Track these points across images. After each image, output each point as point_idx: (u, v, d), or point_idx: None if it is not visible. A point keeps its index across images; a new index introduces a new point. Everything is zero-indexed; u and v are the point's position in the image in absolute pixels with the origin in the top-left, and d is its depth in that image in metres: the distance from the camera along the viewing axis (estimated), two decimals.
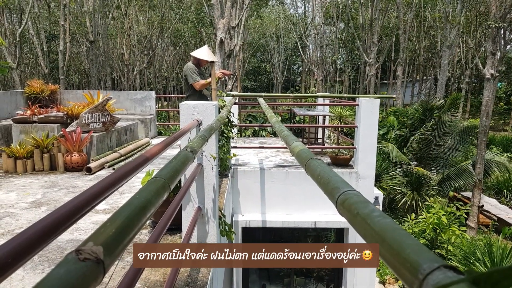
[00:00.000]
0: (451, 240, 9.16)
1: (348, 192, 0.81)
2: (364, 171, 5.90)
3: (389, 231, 0.61)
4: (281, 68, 39.16)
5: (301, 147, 1.45)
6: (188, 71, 5.34)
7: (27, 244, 0.64)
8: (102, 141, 6.07)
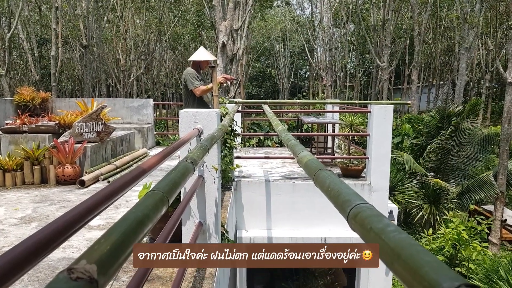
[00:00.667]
0: (472, 257, 9.06)
1: (360, 206, 0.80)
2: (378, 183, 5.87)
3: (405, 247, 0.60)
4: (287, 73, 39.34)
5: (309, 157, 1.44)
6: (187, 77, 5.37)
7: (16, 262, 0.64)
8: (96, 152, 6.09)
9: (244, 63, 24.53)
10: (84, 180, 5.34)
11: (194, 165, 1.51)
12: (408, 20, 28.18)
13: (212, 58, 5.62)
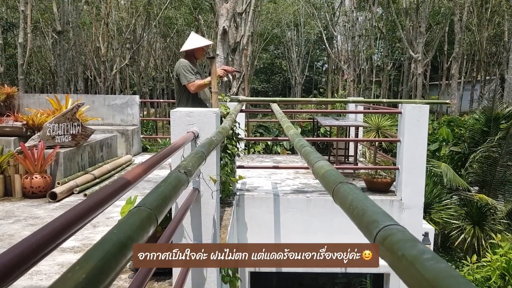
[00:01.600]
0: None
1: (390, 227, 0.80)
2: (410, 199, 5.84)
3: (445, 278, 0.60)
4: (301, 66, 39.40)
5: (328, 168, 1.44)
6: (180, 69, 5.37)
7: None
8: (71, 159, 6.12)
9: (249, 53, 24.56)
10: (56, 193, 5.36)
11: (188, 176, 1.51)
12: (448, 2, 28.15)
13: (207, 43, 5.62)
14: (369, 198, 1.04)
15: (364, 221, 0.91)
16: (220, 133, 2.62)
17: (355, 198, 1.04)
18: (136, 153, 9.14)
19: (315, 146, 9.99)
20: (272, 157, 9.52)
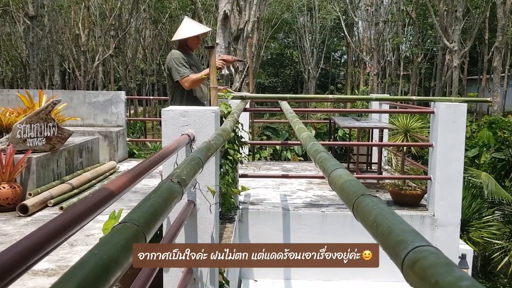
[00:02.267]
0: None
1: (420, 249, 0.79)
2: (444, 215, 5.81)
3: None
4: (315, 57, 39.42)
5: (347, 178, 1.44)
6: (172, 62, 5.37)
7: None
8: (45, 165, 6.13)
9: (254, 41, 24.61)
10: (27, 206, 5.37)
11: (182, 186, 1.51)
12: None
13: (203, 30, 5.62)
14: (396, 214, 1.03)
15: (390, 241, 0.91)
16: (220, 136, 2.62)
17: (379, 214, 1.03)
18: (121, 159, 9.15)
19: (332, 151, 10.00)
20: (281, 164, 9.50)
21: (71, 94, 9.52)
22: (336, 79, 53.17)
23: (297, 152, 12.05)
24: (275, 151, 12.12)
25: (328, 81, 49.74)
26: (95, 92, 9.55)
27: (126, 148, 9.56)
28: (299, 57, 43.02)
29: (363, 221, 1.10)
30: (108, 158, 8.70)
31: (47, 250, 0.95)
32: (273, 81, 50.92)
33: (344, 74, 50.43)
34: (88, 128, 8.95)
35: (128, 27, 27.75)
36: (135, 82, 31.97)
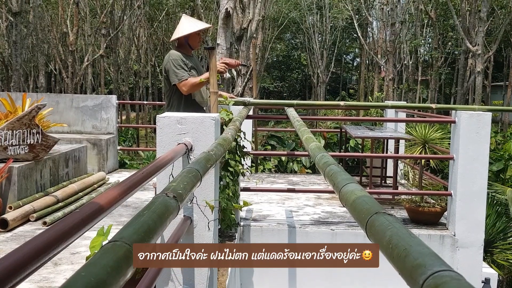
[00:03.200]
0: None
1: (440, 274, 0.79)
2: (466, 235, 5.79)
3: None
4: (325, 60, 39.47)
5: (359, 193, 1.44)
6: (169, 64, 5.38)
7: None
8: (27, 176, 6.13)
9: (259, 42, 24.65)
10: (7, 220, 5.37)
11: (178, 201, 1.51)
12: None
13: (203, 26, 5.64)
14: (413, 234, 1.03)
15: (407, 264, 0.90)
16: (220, 145, 2.62)
17: (395, 234, 1.03)
18: (111, 169, 9.15)
19: (343, 163, 9.96)
20: (287, 177, 9.49)
21: (57, 98, 9.53)
22: (347, 84, 53.28)
23: (304, 164, 12.03)
24: (281, 163, 12.10)
25: (339, 86, 49.81)
26: (84, 96, 9.56)
27: (116, 157, 9.56)
28: (307, 59, 43.07)
29: (378, 241, 1.10)
30: (97, 168, 8.70)
31: (29, 271, 0.95)
32: (278, 86, 51.01)
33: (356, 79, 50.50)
34: (75, 135, 8.96)
35: (120, 25, 27.85)
36: (128, 85, 32.08)
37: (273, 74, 50.40)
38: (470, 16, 24.22)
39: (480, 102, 23.30)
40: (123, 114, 31.95)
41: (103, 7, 26.61)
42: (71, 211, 5.99)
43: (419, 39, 31.95)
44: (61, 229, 1.11)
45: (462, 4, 24.61)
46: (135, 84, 36.50)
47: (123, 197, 1.55)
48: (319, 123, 15.14)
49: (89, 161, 8.28)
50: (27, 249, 0.97)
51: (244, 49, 14.75)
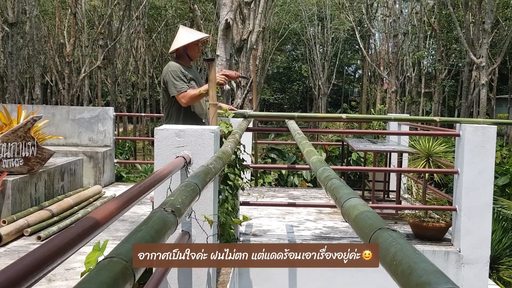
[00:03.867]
0: None
1: None
2: (471, 251, 5.77)
3: None
4: (326, 71, 39.58)
5: (362, 208, 1.43)
6: (168, 76, 5.38)
7: None
8: (22, 189, 6.12)
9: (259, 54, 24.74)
10: (0, 235, 5.35)
11: (176, 216, 1.50)
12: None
13: (201, 36, 5.65)
14: (418, 251, 1.03)
15: (411, 282, 0.90)
16: (219, 158, 2.62)
17: (399, 251, 1.03)
18: (108, 183, 9.14)
19: (345, 177, 9.97)
20: (288, 191, 9.48)
21: (53, 110, 9.54)
22: (349, 96, 53.37)
23: (305, 177, 12.02)
24: (281, 176, 12.08)
25: (341, 99, 49.88)
26: (80, 107, 9.57)
27: (113, 170, 9.55)
28: (308, 71, 43.16)
29: (381, 259, 1.09)
30: (93, 181, 8.69)
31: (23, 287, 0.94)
32: (279, 98, 51.10)
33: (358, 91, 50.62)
34: (71, 148, 8.96)
35: (118, 36, 27.92)
36: (125, 97, 32.10)
37: (273, 86, 50.50)
38: (474, 27, 24.30)
39: (485, 115, 23.30)
40: (120, 126, 31.97)
41: (101, 17, 26.69)
42: (67, 225, 5.98)
43: (422, 51, 32.01)
44: (56, 244, 1.11)
45: (466, 16, 24.69)
46: (133, 95, 36.53)
47: (120, 212, 1.54)
48: (320, 136, 15.14)
49: (85, 174, 8.27)
50: (21, 265, 0.97)
51: (244, 60, 14.79)
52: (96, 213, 1.41)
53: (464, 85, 30.72)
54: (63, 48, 26.71)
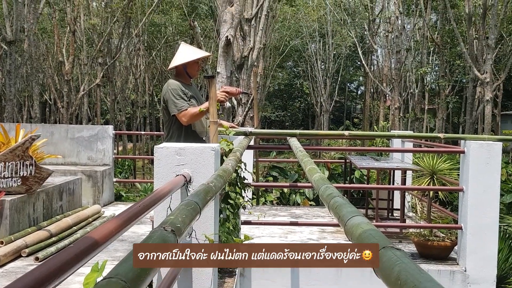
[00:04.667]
0: None
1: None
2: (478, 270, 5.75)
3: None
4: (328, 88, 39.68)
5: (366, 227, 1.43)
6: (168, 94, 5.39)
7: None
8: (20, 209, 6.11)
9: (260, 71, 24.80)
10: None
11: (176, 235, 1.50)
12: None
13: (201, 54, 5.66)
14: (423, 270, 1.02)
15: None
16: (220, 177, 2.61)
17: (403, 270, 1.02)
18: (107, 202, 9.12)
19: (348, 195, 9.94)
20: (290, 210, 9.47)
21: (52, 129, 9.54)
22: (352, 113, 53.43)
23: (307, 195, 11.97)
24: (283, 195, 12.04)
25: (343, 116, 49.98)
26: (79, 126, 9.57)
27: (112, 189, 9.54)
28: (310, 88, 43.24)
29: (385, 278, 1.09)
30: (92, 201, 8.68)
31: None
32: (280, 115, 51.18)
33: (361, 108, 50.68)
34: (70, 167, 8.96)
35: (118, 53, 28.03)
36: (125, 115, 32.14)
37: (274, 103, 50.60)
38: (477, 43, 24.36)
39: (490, 132, 23.28)
40: (119, 144, 32.00)
41: (100, 35, 26.79)
42: (65, 246, 5.96)
43: (425, 66, 32.09)
44: (54, 265, 1.10)
45: (470, 31, 24.77)
46: (132, 114, 36.61)
47: (119, 231, 1.54)
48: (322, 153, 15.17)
49: (84, 194, 8.27)
50: (18, 286, 0.96)
51: (245, 77, 14.84)
52: (94, 232, 1.41)
53: (468, 101, 30.74)
54: (62, 66, 26.78)
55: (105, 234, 1.45)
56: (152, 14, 29.19)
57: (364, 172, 11.24)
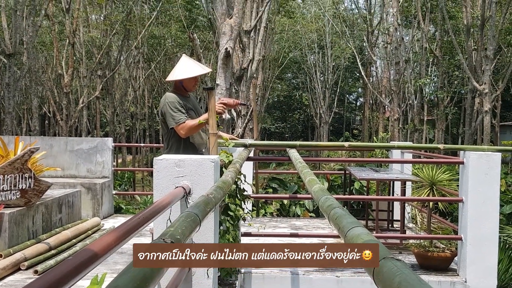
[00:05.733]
0: None
1: None
2: (478, 281, 5.74)
3: None
4: (327, 100, 39.72)
5: (366, 238, 1.43)
6: (166, 107, 5.39)
7: None
8: (19, 222, 6.10)
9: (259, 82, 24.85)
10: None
11: None
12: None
13: (201, 71, 5.64)
14: (423, 281, 1.02)
15: None
16: (219, 188, 2.61)
17: (404, 280, 1.02)
18: (106, 214, 9.11)
19: (348, 206, 9.94)
20: (290, 221, 9.45)
21: (51, 141, 9.54)
22: (351, 125, 53.47)
23: (307, 207, 11.97)
24: (283, 206, 12.03)
25: (343, 127, 50.03)
26: (79, 138, 9.56)
27: (112, 202, 9.53)
28: (309, 99, 43.29)
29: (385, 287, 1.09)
30: (91, 213, 8.66)
31: None
32: (280, 127, 51.24)
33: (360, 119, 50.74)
34: (69, 180, 8.95)
35: (117, 66, 28.08)
36: (124, 127, 32.13)
37: (274, 115, 50.66)
38: (476, 54, 24.42)
39: (489, 143, 23.30)
40: (119, 157, 32.02)
41: (99, 48, 26.84)
42: (64, 259, 5.95)
43: (424, 78, 32.13)
44: (53, 277, 1.10)
45: (468, 42, 24.82)
46: (132, 126, 36.62)
47: (119, 244, 1.54)
48: (322, 164, 15.18)
49: (83, 206, 8.25)
50: None
51: (244, 89, 14.85)
52: (94, 245, 1.41)
53: (467, 112, 30.76)
54: (61, 78, 26.80)
55: (104, 246, 1.44)
56: (151, 26, 29.25)
57: (364, 183, 11.24)
